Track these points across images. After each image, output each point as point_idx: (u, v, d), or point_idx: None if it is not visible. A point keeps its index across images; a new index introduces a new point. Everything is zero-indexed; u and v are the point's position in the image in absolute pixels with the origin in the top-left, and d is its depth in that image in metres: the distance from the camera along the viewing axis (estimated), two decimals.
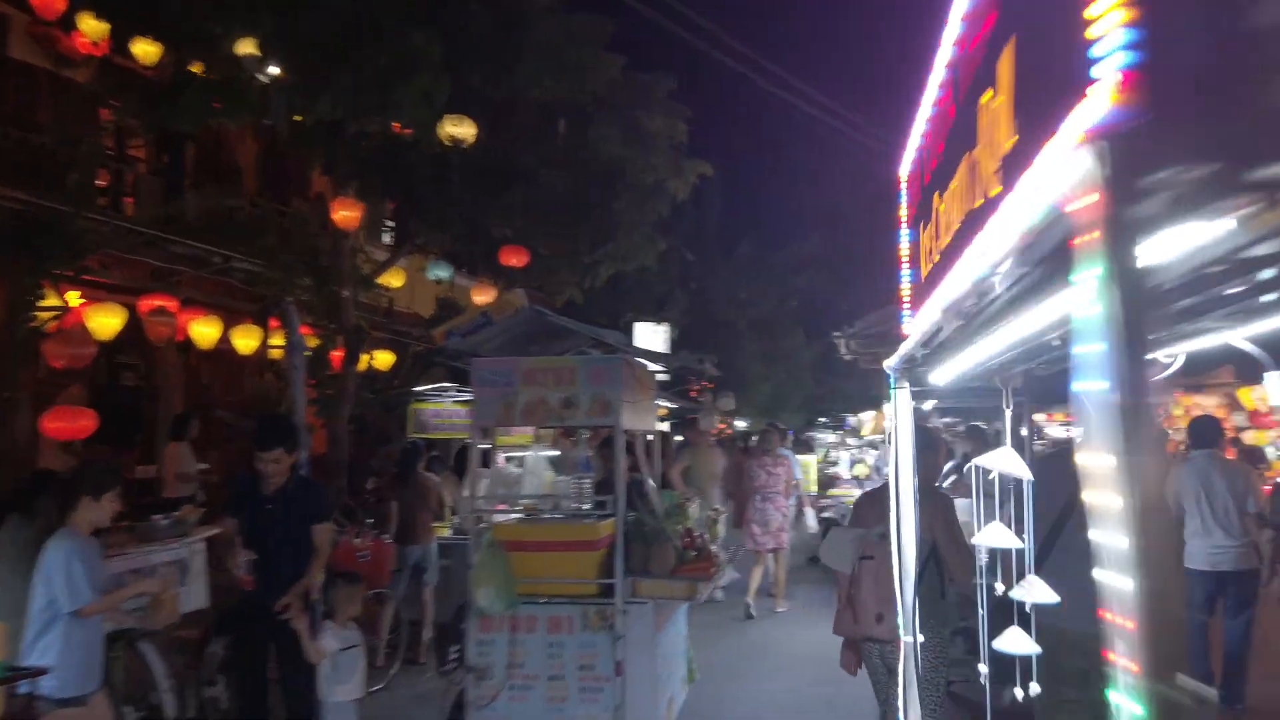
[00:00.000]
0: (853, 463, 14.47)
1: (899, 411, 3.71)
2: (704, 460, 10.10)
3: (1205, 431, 6.77)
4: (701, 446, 10.13)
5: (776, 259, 28.29)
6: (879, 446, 13.67)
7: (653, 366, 6.55)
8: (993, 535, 2.96)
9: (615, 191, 10.49)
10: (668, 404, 19.07)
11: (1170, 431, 18.05)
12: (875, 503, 4.27)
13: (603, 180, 10.43)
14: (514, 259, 10.90)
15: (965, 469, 8.15)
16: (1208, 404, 17.14)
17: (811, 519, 12.48)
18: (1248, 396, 15.62)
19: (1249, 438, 15.86)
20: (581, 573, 5.15)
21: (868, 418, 19.49)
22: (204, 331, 10.49)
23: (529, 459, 7.16)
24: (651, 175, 10.40)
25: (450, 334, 5.65)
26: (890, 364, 3.70)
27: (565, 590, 5.17)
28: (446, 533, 8.01)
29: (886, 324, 6.36)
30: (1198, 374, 16.80)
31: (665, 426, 19.65)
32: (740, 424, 37.11)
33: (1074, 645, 3.18)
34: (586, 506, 6.15)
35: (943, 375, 3.53)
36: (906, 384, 3.70)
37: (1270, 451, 15.28)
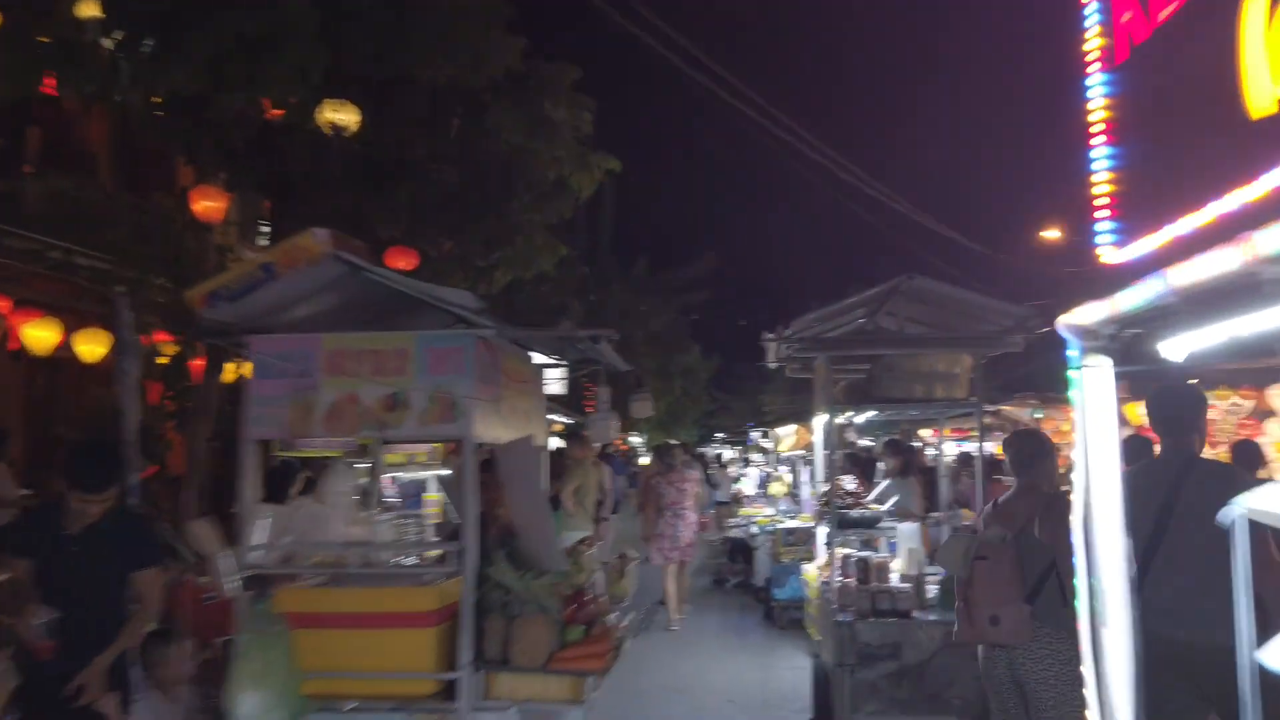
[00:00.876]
0: (764, 480, 13.77)
1: (1096, 398, 2.62)
2: (593, 479, 9.03)
3: (1139, 449, 6.90)
4: (587, 463, 8.92)
5: (675, 274, 27.79)
6: (796, 463, 13.06)
7: (542, 359, 4.86)
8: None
9: (514, 189, 9.57)
10: (562, 418, 18.22)
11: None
12: (1016, 506, 3.97)
13: (501, 175, 9.51)
14: (401, 261, 9.83)
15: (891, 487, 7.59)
16: None
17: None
18: (1134, 413, 15.80)
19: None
20: (408, 661, 3.54)
21: (786, 433, 18.91)
22: (40, 336, 9.09)
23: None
24: (554, 170, 9.51)
25: (213, 297, 3.66)
26: (1082, 324, 2.52)
27: (383, 690, 3.57)
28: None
29: (825, 326, 5.75)
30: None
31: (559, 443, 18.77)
32: (635, 439, 36.34)
33: (1199, 658, 3.14)
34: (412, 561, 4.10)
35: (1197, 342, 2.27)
36: (1107, 357, 2.51)
37: None
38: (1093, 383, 2.61)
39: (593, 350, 4.26)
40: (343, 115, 8.67)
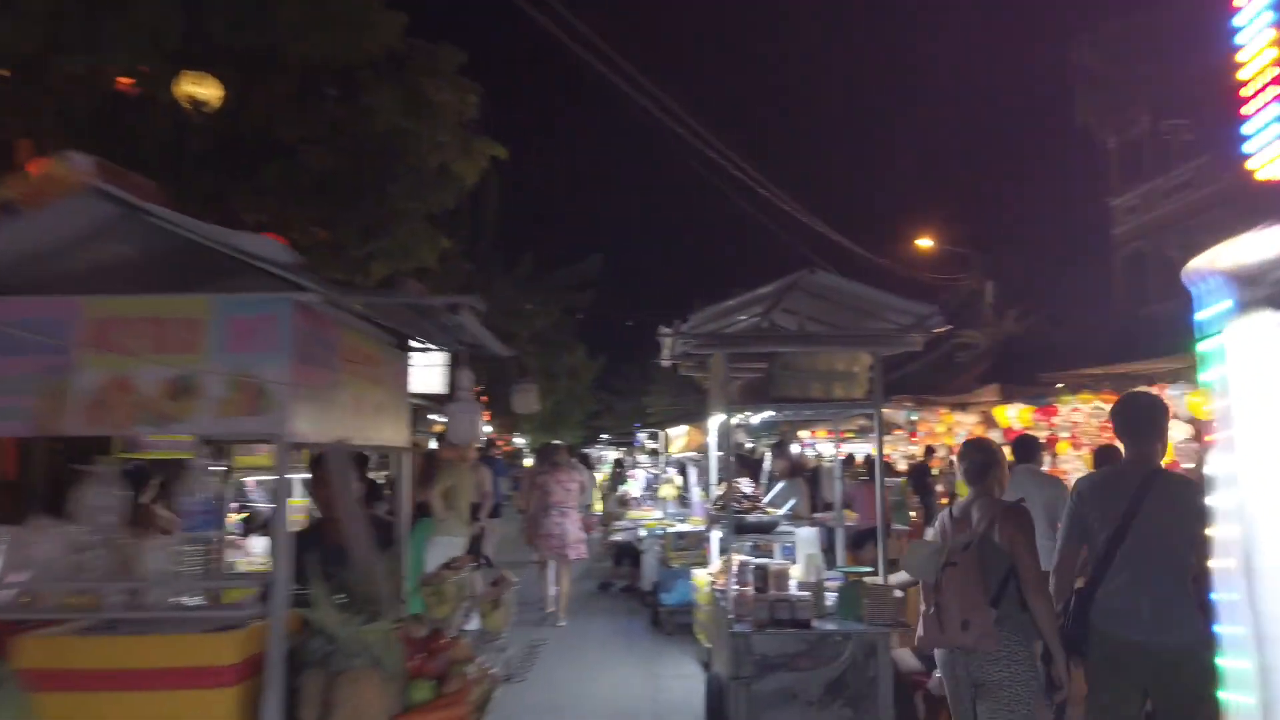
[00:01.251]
0: (653, 483, 13.45)
1: (1258, 368, 1.90)
2: (467, 480, 8.28)
3: (1026, 448, 7.35)
4: (459, 464, 8.16)
5: (562, 274, 27.34)
6: (687, 464, 12.80)
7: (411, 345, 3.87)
8: None
9: (393, 173, 8.98)
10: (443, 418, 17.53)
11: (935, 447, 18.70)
12: (971, 513, 4.02)
13: (379, 159, 8.90)
14: None
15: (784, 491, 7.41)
16: (968, 421, 17.91)
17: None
18: (1003, 415, 16.31)
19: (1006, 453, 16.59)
20: None
21: (677, 434, 18.55)
22: None
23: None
24: (436, 156, 8.96)
25: None
26: (1239, 266, 1.90)
27: None
28: None
29: (722, 322, 5.49)
30: (963, 393, 17.50)
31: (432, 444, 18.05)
32: (519, 440, 35.67)
33: (1145, 657, 3.50)
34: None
35: None
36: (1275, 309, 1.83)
37: None
38: (1253, 346, 1.87)
39: (455, 325, 3.33)
40: (204, 89, 7.93)
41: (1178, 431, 12.45)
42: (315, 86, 8.65)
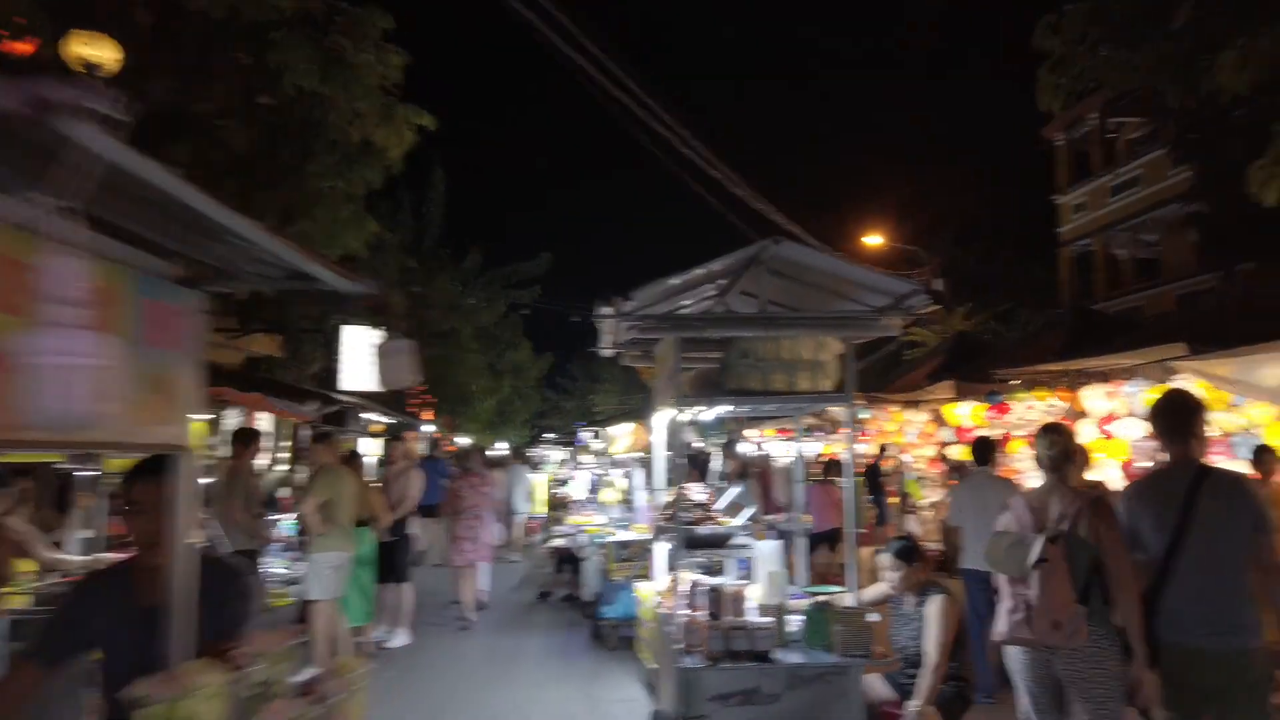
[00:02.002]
0: (596, 485, 12.66)
1: None
2: (349, 488, 7.14)
3: (982, 450, 7.69)
4: (337, 469, 7.14)
5: (510, 270, 26.41)
6: (632, 465, 12.03)
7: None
8: None
9: (312, 149, 8.12)
10: (381, 417, 16.60)
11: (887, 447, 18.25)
12: (1050, 505, 3.87)
13: (297, 134, 8.04)
14: None
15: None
16: (919, 419, 17.50)
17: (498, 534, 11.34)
18: (951, 414, 15.92)
19: (953, 452, 16.20)
20: None
21: (620, 432, 17.72)
22: None
23: None
24: (358, 130, 8.11)
25: None
26: None
27: None
28: (22, 602, 5.30)
29: (672, 302, 4.79)
30: (914, 390, 17.04)
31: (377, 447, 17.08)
32: (462, 440, 34.78)
33: (1208, 663, 3.45)
34: None
35: None
36: None
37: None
38: None
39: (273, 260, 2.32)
40: (97, 50, 7.02)
41: (1136, 429, 12.12)
42: (224, 49, 7.74)
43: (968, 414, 15.42)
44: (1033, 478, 10.36)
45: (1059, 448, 3.94)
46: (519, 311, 27.12)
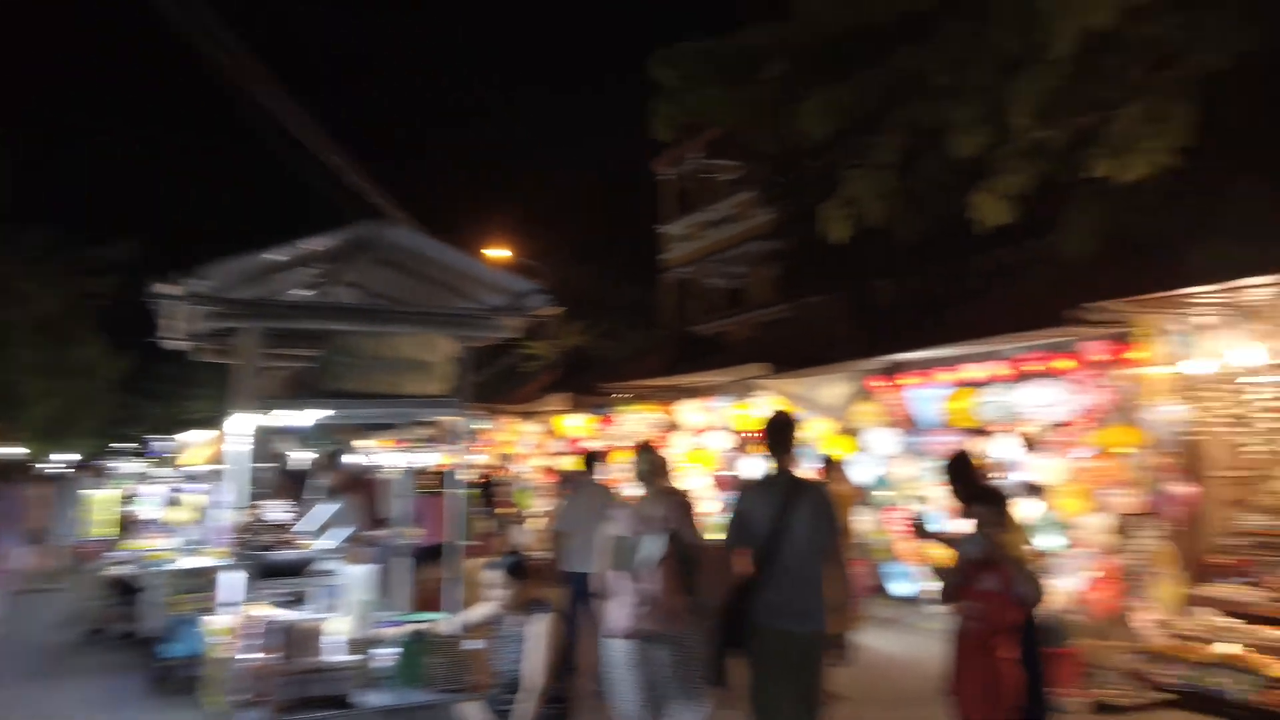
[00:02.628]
0: (168, 501, 10.91)
1: None
2: None
3: (590, 461, 7.74)
4: None
5: (85, 253, 22.58)
6: (209, 480, 10.47)
7: None
8: None
9: None
10: None
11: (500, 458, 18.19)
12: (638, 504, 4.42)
13: None
14: None
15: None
16: (534, 430, 17.68)
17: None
18: (561, 424, 16.30)
19: (564, 463, 16.56)
20: None
21: (196, 439, 15.64)
22: None
23: None
24: None
25: None
26: None
27: None
28: None
29: (262, 286, 3.98)
30: (530, 402, 17.18)
31: None
32: (16, 450, 29.25)
33: (793, 643, 4.04)
34: None
35: None
36: None
37: None
38: None
39: None
40: None
41: (723, 440, 13.19)
42: None
43: (579, 426, 15.89)
44: (630, 486, 10.67)
45: (650, 463, 4.56)
46: (93, 302, 23.34)
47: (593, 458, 7.65)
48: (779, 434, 4.33)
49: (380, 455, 26.18)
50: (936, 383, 8.73)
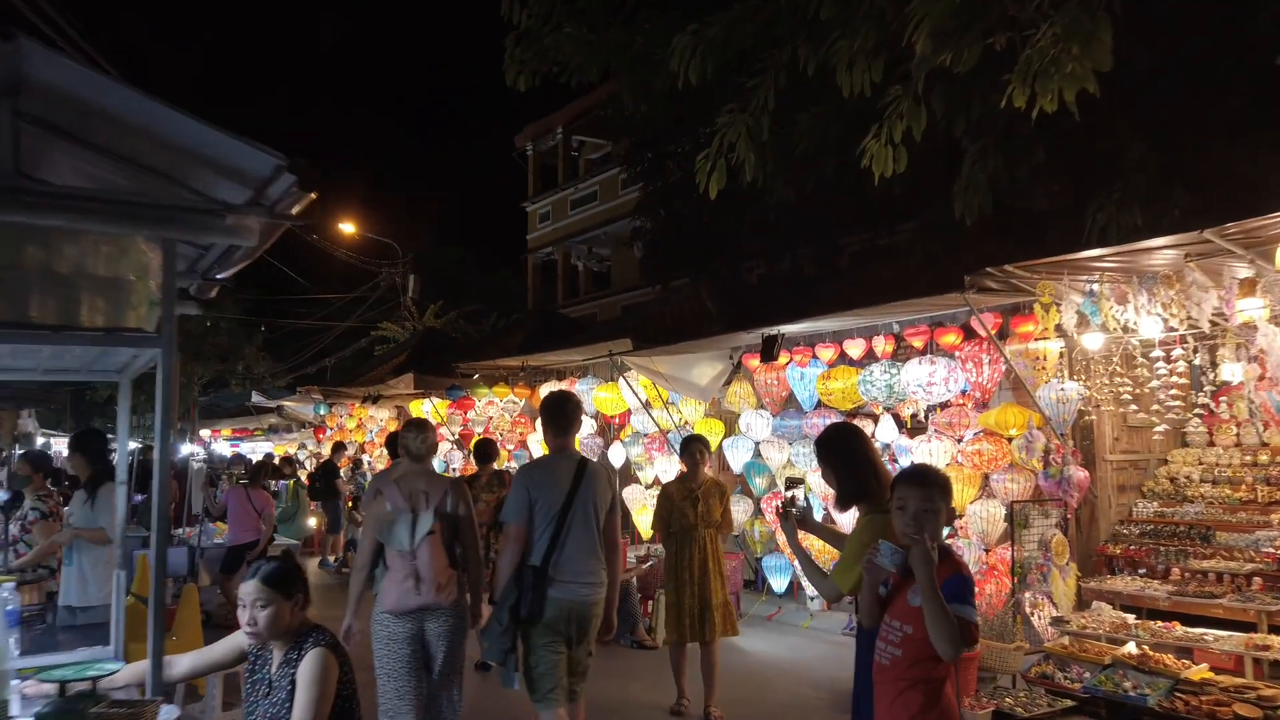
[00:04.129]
0: None
1: None
2: None
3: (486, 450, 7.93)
4: None
5: None
6: None
7: None
8: None
9: None
10: None
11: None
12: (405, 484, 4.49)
13: None
14: None
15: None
16: (381, 415, 16.16)
17: None
18: (418, 408, 14.93)
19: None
20: None
21: None
22: None
23: None
24: None
25: None
26: None
27: None
28: None
29: None
30: (377, 384, 15.62)
31: None
32: None
33: (578, 610, 4.25)
34: None
35: None
36: None
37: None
38: None
39: None
40: None
41: (584, 426, 12.12)
42: None
43: (432, 410, 14.50)
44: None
45: (429, 440, 4.68)
46: None
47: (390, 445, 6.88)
48: (560, 412, 4.46)
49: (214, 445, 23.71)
50: (816, 359, 7.92)
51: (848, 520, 5.54)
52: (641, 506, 9.70)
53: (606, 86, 14.34)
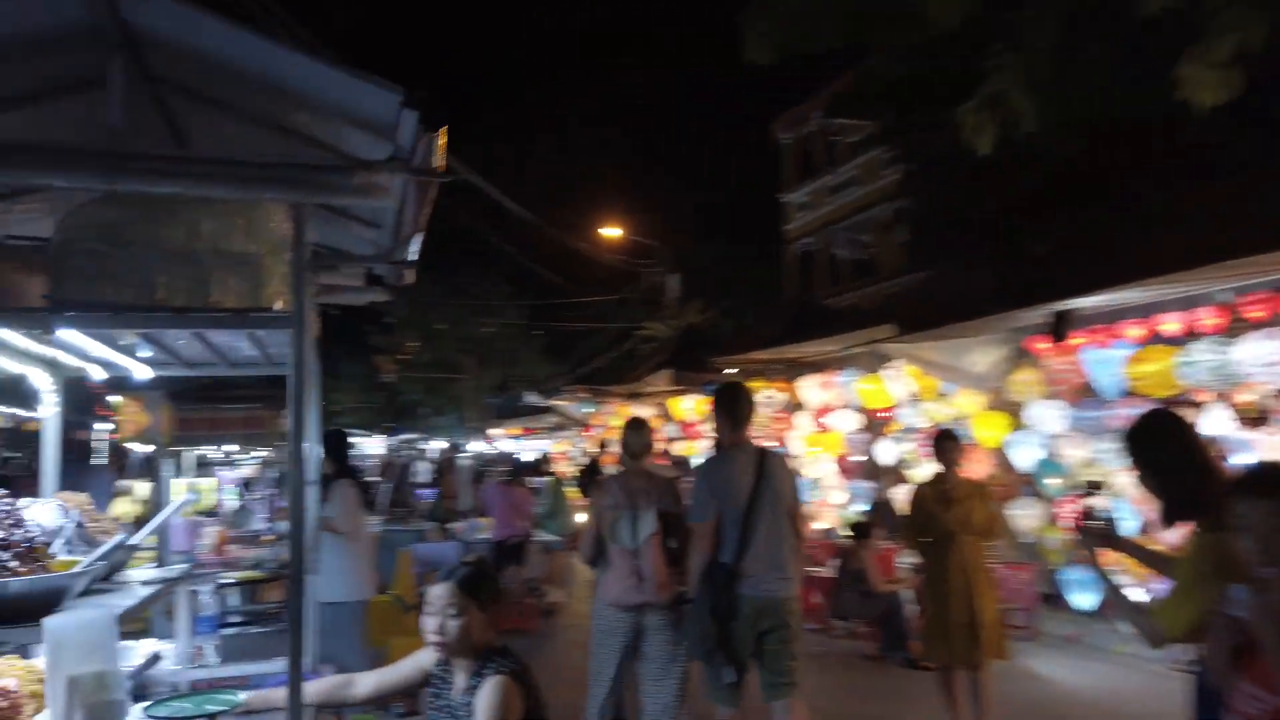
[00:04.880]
0: None
1: None
2: None
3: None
4: None
5: None
6: None
7: None
8: None
9: None
10: None
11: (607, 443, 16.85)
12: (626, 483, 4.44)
13: None
14: None
15: None
16: (644, 413, 16.28)
17: None
18: (677, 406, 14.85)
19: (678, 448, 15.15)
20: None
21: None
22: None
23: None
24: None
25: None
26: None
27: None
28: None
29: None
30: (636, 383, 15.77)
31: None
32: None
33: (769, 607, 4.11)
34: None
35: None
36: None
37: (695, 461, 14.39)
38: None
39: None
40: None
41: (847, 421, 11.33)
42: None
43: (691, 407, 14.34)
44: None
45: (645, 438, 4.62)
46: None
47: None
48: (734, 404, 4.34)
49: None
50: (1121, 339, 6.67)
51: (1174, 537, 4.47)
52: None
53: (862, 65, 13.47)
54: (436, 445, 28.88)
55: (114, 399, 4.97)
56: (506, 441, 26.14)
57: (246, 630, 4.36)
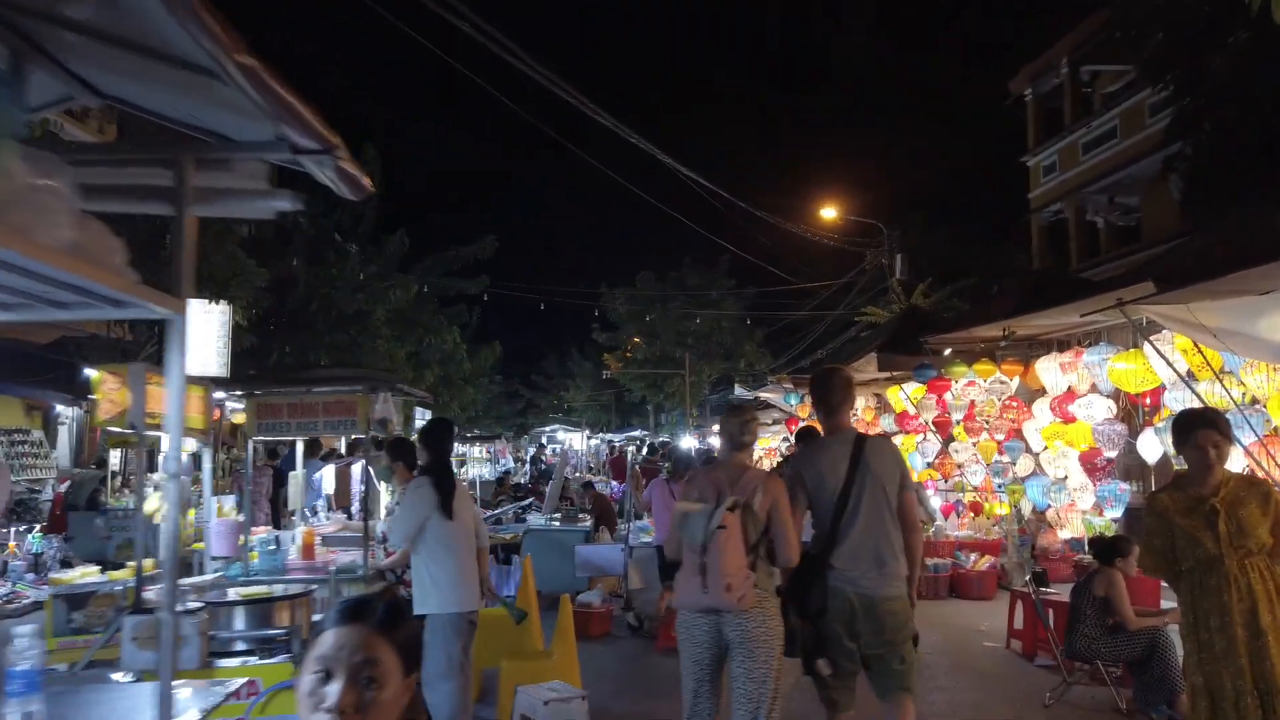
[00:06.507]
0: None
1: None
2: None
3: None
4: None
5: (449, 254, 23.46)
6: None
7: None
8: None
9: None
10: None
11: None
12: (714, 475, 4.11)
13: None
14: None
15: None
16: (857, 404, 14.62)
17: None
18: (896, 396, 13.11)
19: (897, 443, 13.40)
20: None
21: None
22: None
23: None
24: None
25: None
26: None
27: None
28: None
29: None
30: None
31: None
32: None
33: (868, 607, 3.85)
34: None
35: None
36: None
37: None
38: None
39: None
40: None
41: (1096, 410, 9.21)
42: None
43: (908, 396, 12.57)
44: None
45: (750, 428, 4.17)
46: (456, 296, 24.11)
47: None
48: (828, 389, 4.12)
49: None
50: None
51: None
52: None
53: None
54: (658, 442, 28.50)
55: (90, 373, 4.40)
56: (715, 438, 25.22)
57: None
